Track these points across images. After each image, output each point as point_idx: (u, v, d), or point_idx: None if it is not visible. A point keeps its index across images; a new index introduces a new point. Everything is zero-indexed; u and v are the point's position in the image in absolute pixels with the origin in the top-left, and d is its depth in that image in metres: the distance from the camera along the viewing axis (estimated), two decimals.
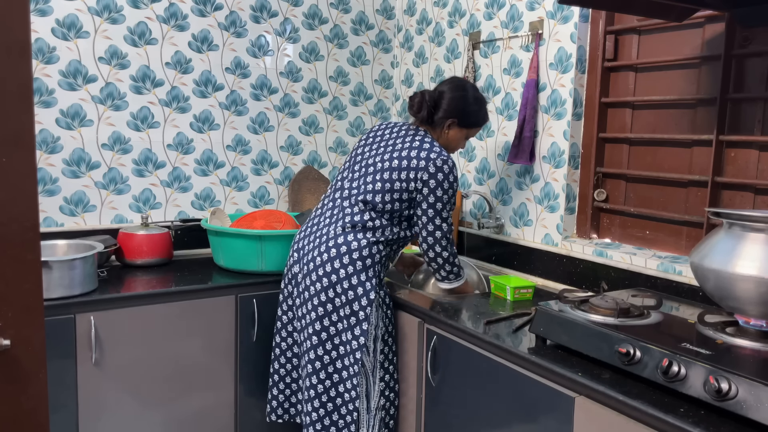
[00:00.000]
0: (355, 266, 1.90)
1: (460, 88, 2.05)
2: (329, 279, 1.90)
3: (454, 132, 2.07)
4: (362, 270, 1.90)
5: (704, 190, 1.90)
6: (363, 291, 1.89)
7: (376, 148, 2.04)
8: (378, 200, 1.94)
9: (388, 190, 1.94)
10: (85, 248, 2.12)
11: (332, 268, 1.90)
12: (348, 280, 1.89)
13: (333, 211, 2.02)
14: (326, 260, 1.91)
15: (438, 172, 1.91)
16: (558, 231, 2.27)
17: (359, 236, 1.92)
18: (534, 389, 1.53)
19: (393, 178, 1.94)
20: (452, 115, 2.03)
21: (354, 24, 2.98)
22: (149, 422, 2.12)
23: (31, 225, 1.19)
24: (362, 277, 1.89)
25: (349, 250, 1.90)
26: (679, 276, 1.85)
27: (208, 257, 2.60)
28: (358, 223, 1.94)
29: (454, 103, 2.03)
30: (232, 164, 2.75)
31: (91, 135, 2.45)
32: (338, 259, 1.90)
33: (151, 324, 2.09)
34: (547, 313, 1.58)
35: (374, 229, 1.94)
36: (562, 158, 2.24)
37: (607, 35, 2.15)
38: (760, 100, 1.77)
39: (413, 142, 1.98)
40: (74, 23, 2.36)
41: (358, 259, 1.90)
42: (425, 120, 2.04)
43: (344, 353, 1.91)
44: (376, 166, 1.98)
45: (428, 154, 1.93)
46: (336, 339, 1.91)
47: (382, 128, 2.12)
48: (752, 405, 1.14)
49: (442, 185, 1.92)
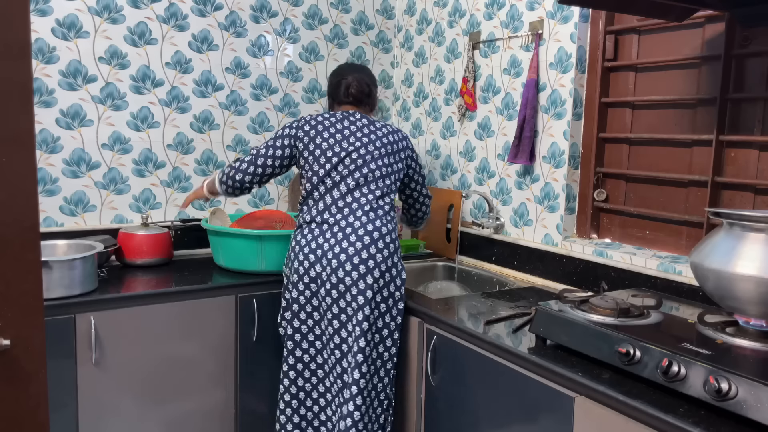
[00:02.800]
0: (389, 249, 2.00)
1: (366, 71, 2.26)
2: (366, 265, 1.94)
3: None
4: (394, 252, 2.02)
5: (704, 190, 1.90)
6: (396, 272, 2.00)
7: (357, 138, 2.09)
8: (389, 182, 2.09)
9: (392, 172, 2.11)
10: (85, 248, 2.12)
11: (369, 254, 1.95)
12: (385, 263, 1.97)
13: (342, 203, 2.04)
14: (361, 248, 1.96)
15: (413, 148, 2.24)
16: (558, 231, 2.27)
17: (384, 220, 2.03)
18: (534, 389, 1.53)
19: (392, 161, 2.11)
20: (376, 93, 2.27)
21: (354, 24, 2.98)
22: (149, 422, 2.12)
23: (31, 225, 1.19)
24: (395, 259, 2.01)
25: (381, 235, 1.99)
26: (679, 276, 1.85)
27: (208, 257, 2.60)
28: (378, 208, 2.04)
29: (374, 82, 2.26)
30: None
31: (91, 135, 2.45)
32: (373, 245, 1.97)
33: (151, 324, 2.09)
34: (547, 313, 1.58)
35: (390, 211, 2.08)
36: (562, 158, 2.24)
37: (607, 35, 2.15)
38: (760, 100, 1.77)
39: (383, 128, 2.15)
40: (74, 23, 2.36)
41: (391, 242, 2.01)
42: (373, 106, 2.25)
43: (386, 335, 1.98)
44: (373, 155, 2.07)
45: (404, 135, 2.19)
46: (379, 322, 1.96)
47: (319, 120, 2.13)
48: (752, 405, 1.14)
49: (418, 158, 2.26)
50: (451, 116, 2.79)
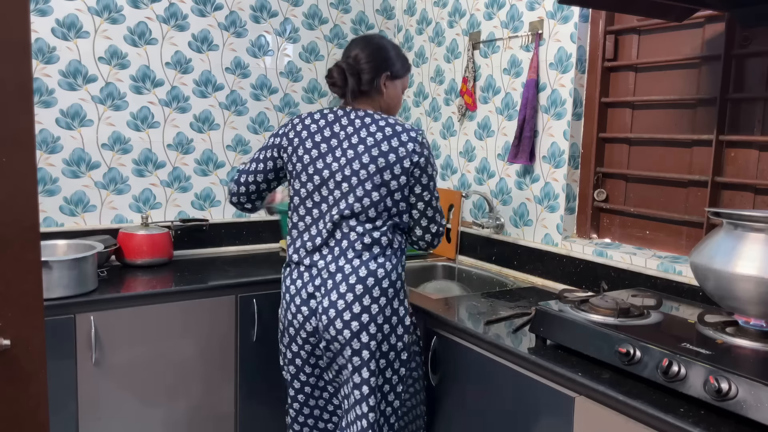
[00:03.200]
0: (387, 295, 1.67)
1: (371, 42, 1.77)
2: (360, 320, 1.64)
3: (392, 88, 1.79)
4: (394, 297, 1.69)
5: (704, 190, 1.90)
6: (398, 320, 1.69)
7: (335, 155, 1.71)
8: (381, 209, 1.68)
9: (386, 195, 1.68)
10: (85, 248, 2.12)
11: (362, 307, 1.64)
12: (382, 313, 1.66)
13: (330, 243, 1.71)
14: (351, 301, 1.64)
15: (423, 149, 1.70)
16: (558, 231, 2.27)
17: (381, 260, 1.68)
18: (534, 389, 1.53)
19: (386, 179, 1.67)
20: (382, 70, 1.75)
21: (354, 24, 2.98)
22: (149, 422, 2.12)
23: (31, 225, 1.19)
24: (395, 305, 1.69)
25: (377, 280, 1.66)
26: (679, 276, 1.85)
27: (208, 257, 2.60)
28: (373, 244, 1.68)
29: (376, 57, 1.74)
30: (232, 164, 2.75)
31: (91, 135, 2.45)
32: (367, 294, 1.65)
33: (151, 324, 2.09)
34: (547, 313, 1.58)
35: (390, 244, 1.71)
36: (562, 158, 2.24)
37: (607, 35, 2.15)
38: (760, 100, 1.77)
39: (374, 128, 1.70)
40: (74, 23, 2.36)
41: (390, 286, 1.68)
42: (356, 91, 1.73)
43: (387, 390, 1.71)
44: (359, 175, 1.67)
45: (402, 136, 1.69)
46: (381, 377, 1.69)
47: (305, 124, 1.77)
48: (752, 405, 1.14)
49: (429, 160, 1.71)
50: (451, 116, 2.79)
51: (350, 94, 1.74)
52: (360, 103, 1.77)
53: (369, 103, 1.78)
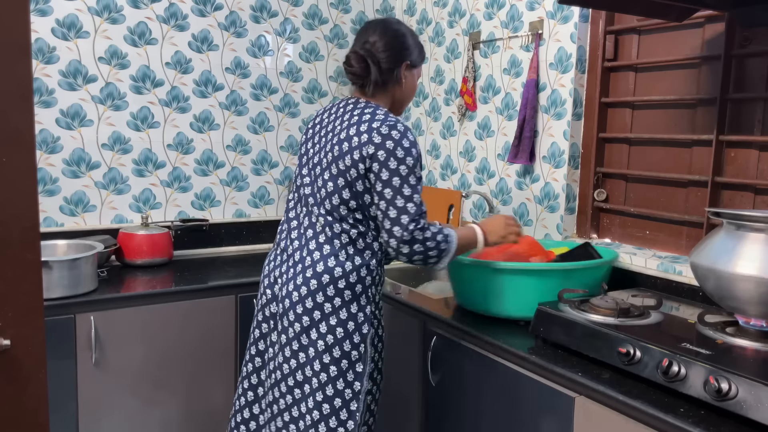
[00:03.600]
0: (342, 297, 1.54)
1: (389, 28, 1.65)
2: (311, 317, 1.54)
3: (410, 77, 1.69)
4: (352, 299, 1.55)
5: (704, 190, 1.89)
6: (355, 326, 1.55)
7: (318, 141, 1.64)
8: (338, 202, 1.55)
9: (343, 186, 1.54)
10: (85, 248, 2.12)
11: (314, 303, 1.54)
12: (336, 314, 1.54)
13: (300, 229, 1.63)
14: (306, 294, 1.54)
15: (386, 140, 1.50)
16: (558, 231, 2.27)
17: (341, 258, 1.55)
18: (534, 389, 1.53)
19: (341, 169, 1.54)
20: (403, 59, 1.64)
21: (354, 24, 2.98)
22: (149, 422, 2.12)
23: (31, 225, 1.19)
24: (353, 309, 1.55)
25: (333, 279, 1.54)
26: (679, 276, 1.85)
27: (208, 257, 2.61)
28: (333, 238, 1.56)
29: (395, 45, 1.63)
30: (232, 164, 2.75)
31: (91, 135, 2.45)
32: (320, 291, 1.54)
33: (151, 324, 2.09)
34: (547, 313, 1.58)
35: (354, 241, 1.57)
36: (562, 158, 2.24)
37: (607, 35, 2.15)
38: (760, 100, 1.77)
39: (352, 117, 1.58)
40: (74, 23, 2.36)
41: (347, 288, 1.55)
42: (378, 81, 1.62)
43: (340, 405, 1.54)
44: (322, 164, 1.58)
45: (370, 125, 1.53)
46: (329, 389, 1.54)
47: (321, 114, 1.71)
48: (752, 405, 1.14)
49: (394, 153, 1.50)
50: (451, 116, 2.79)
51: (372, 85, 1.62)
52: (376, 93, 1.65)
53: (384, 94, 1.66)
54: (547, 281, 1.73)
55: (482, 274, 1.77)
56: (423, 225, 1.51)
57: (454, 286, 1.92)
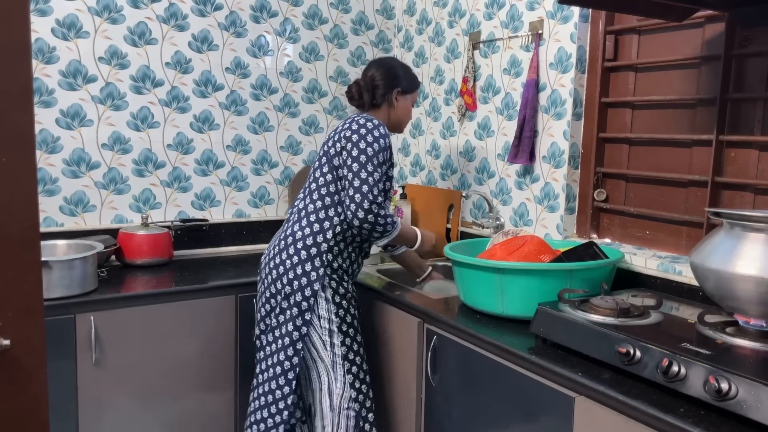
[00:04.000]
0: (300, 256, 1.91)
1: (384, 63, 2.12)
2: (278, 271, 1.93)
3: (402, 101, 2.11)
4: (307, 259, 1.91)
5: (704, 190, 1.89)
6: (307, 281, 1.89)
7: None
8: (317, 177, 1.97)
9: (322, 164, 1.96)
10: (85, 248, 2.12)
11: (280, 260, 1.93)
12: (293, 269, 1.90)
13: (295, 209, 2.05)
14: (276, 253, 1.95)
15: (356, 132, 1.90)
16: (558, 231, 2.27)
17: (303, 224, 1.94)
18: (534, 389, 1.53)
19: (325, 150, 1.98)
20: (394, 86, 2.08)
21: (354, 24, 2.98)
22: (149, 422, 2.12)
23: (31, 225, 1.19)
24: (306, 267, 1.90)
25: (294, 240, 1.93)
26: (679, 276, 1.85)
27: (208, 257, 2.61)
28: (302, 210, 1.97)
29: (388, 76, 2.08)
30: (232, 164, 2.75)
31: (91, 135, 2.45)
32: (285, 250, 1.93)
33: (151, 324, 2.09)
34: (547, 313, 1.58)
35: (317, 211, 1.94)
36: (562, 158, 2.24)
37: (607, 35, 2.15)
38: (760, 100, 1.77)
39: (343, 123, 1.99)
40: (74, 23, 2.36)
41: (303, 249, 1.91)
42: (370, 104, 2.08)
43: (289, 343, 1.90)
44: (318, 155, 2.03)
45: (350, 124, 1.94)
46: (285, 327, 1.91)
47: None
48: (752, 405, 1.14)
49: (365, 138, 1.89)
50: (451, 116, 2.79)
51: (366, 106, 2.09)
52: (373, 113, 2.09)
53: (380, 114, 2.09)
54: (551, 281, 1.73)
55: (487, 273, 1.78)
56: (381, 203, 1.88)
57: (459, 284, 1.92)
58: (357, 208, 1.84)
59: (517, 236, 1.98)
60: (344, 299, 1.96)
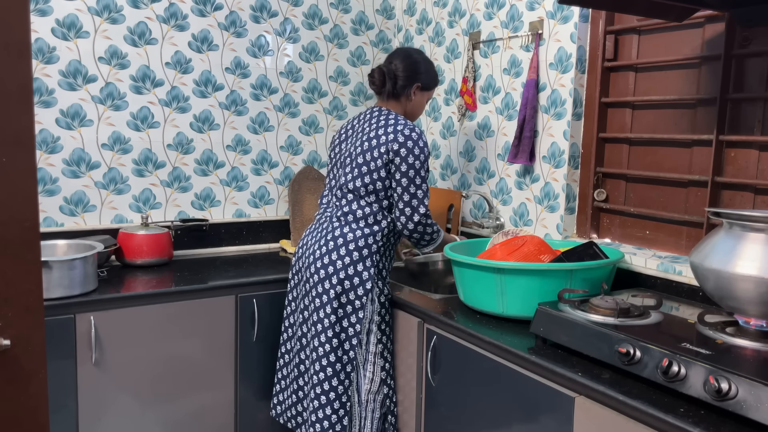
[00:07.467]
0: (351, 257, 1.98)
1: (409, 56, 2.14)
2: (327, 270, 1.98)
3: (419, 96, 2.16)
4: (359, 260, 1.99)
5: (704, 190, 1.90)
6: (359, 281, 1.98)
7: (352, 140, 2.11)
8: (360, 184, 2.01)
9: (366, 172, 2.00)
10: (85, 248, 2.12)
11: (330, 260, 1.99)
12: (345, 270, 1.97)
13: (328, 207, 2.12)
14: (325, 252, 2.00)
15: (407, 140, 1.97)
16: (558, 231, 2.27)
17: (354, 227, 2.01)
18: (534, 389, 1.53)
19: (367, 159, 2.00)
20: (415, 81, 2.12)
21: (354, 24, 2.98)
22: (149, 422, 2.12)
23: (31, 225, 1.19)
24: (359, 267, 1.98)
25: (345, 241, 2.00)
26: (679, 276, 1.85)
27: (208, 257, 2.60)
28: (349, 213, 2.03)
29: (411, 69, 2.12)
30: (232, 164, 2.75)
31: (91, 135, 2.45)
32: (336, 251, 1.99)
33: (151, 324, 2.09)
34: (547, 313, 1.58)
35: (366, 217, 2.02)
36: (562, 158, 2.24)
37: (607, 35, 2.15)
38: (760, 100, 1.77)
39: (379, 121, 2.05)
40: (74, 23, 2.36)
41: (355, 250, 1.99)
42: (390, 93, 2.12)
43: (344, 339, 1.99)
44: (352, 155, 2.05)
45: (395, 127, 2.00)
46: (337, 326, 1.97)
47: (351, 121, 2.19)
48: (752, 405, 1.14)
49: (412, 151, 1.97)
50: (451, 116, 2.79)
51: (385, 94, 2.13)
52: (390, 103, 2.14)
53: (397, 104, 2.14)
54: (551, 281, 1.73)
55: (487, 273, 1.78)
56: (428, 213, 2.01)
57: (459, 284, 1.93)
58: (407, 221, 1.99)
59: (517, 236, 1.99)
60: (387, 299, 2.06)
